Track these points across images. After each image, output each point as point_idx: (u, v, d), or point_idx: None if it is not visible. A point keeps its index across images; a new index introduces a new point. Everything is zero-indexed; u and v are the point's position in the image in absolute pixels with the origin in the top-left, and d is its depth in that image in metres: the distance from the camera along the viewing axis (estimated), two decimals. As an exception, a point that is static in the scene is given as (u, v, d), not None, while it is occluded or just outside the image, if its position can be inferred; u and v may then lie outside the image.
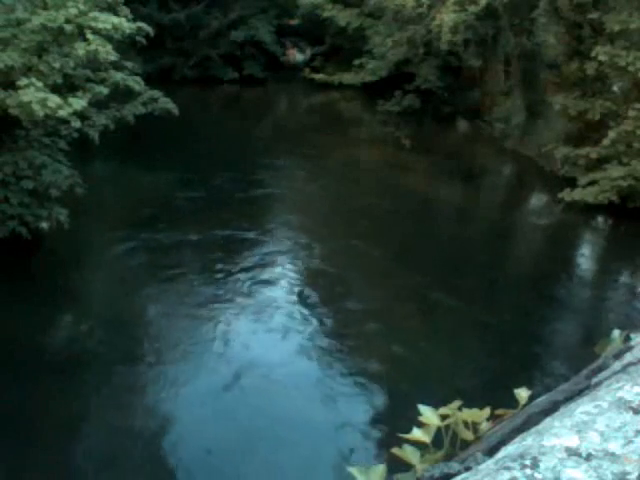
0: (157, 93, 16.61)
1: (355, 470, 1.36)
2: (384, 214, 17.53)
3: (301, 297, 13.18)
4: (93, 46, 12.54)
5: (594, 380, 1.42)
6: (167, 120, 17.07)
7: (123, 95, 15.84)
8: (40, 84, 11.61)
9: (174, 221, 16.01)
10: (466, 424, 1.49)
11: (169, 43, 28.82)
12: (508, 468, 1.00)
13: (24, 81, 11.60)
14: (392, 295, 13.68)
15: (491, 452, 1.23)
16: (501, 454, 1.13)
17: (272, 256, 14.92)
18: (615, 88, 19.77)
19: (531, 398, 1.56)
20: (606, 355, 1.61)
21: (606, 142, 17.68)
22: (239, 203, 17.46)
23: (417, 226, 17.29)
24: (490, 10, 22.34)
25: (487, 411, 1.52)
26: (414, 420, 1.52)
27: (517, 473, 0.98)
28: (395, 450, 1.42)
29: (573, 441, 1.05)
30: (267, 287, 13.47)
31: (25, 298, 12.00)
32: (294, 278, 13.97)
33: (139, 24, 14.24)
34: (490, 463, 1.11)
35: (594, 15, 18.48)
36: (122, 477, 8.61)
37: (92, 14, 12.77)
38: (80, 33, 12.88)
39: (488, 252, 16.11)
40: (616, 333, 1.79)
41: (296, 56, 34.81)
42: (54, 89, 12.21)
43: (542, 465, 0.99)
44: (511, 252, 17.40)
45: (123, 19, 13.44)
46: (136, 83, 15.12)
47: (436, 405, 1.54)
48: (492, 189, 22.17)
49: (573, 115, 19.54)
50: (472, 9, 22.06)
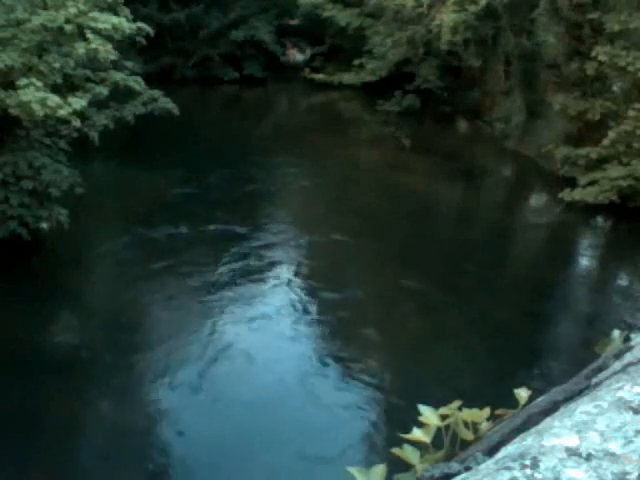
0: (157, 93, 16.61)
1: (355, 470, 1.35)
2: (384, 214, 17.52)
3: (300, 295, 13.18)
4: (93, 46, 12.54)
5: (594, 380, 1.42)
6: (167, 120, 17.06)
7: (123, 95, 15.83)
8: (40, 84, 11.61)
9: (174, 221, 16.00)
10: (466, 424, 1.48)
11: (169, 43, 28.81)
12: (508, 468, 1.00)
13: (24, 81, 11.60)
14: (392, 295, 13.67)
15: (491, 452, 1.23)
16: (501, 454, 1.13)
17: (272, 256, 14.91)
18: (615, 88, 19.77)
19: (531, 398, 1.56)
20: (606, 355, 1.61)
21: (606, 142, 17.67)
22: (239, 203, 17.45)
23: (417, 226, 17.29)
24: (490, 10, 22.34)
25: (487, 411, 1.52)
26: (414, 420, 1.52)
27: (517, 473, 0.98)
28: (395, 450, 1.42)
29: (573, 441, 1.05)
30: (267, 287, 13.48)
31: (26, 298, 12.00)
32: (294, 278, 13.96)
33: (139, 24, 14.25)
34: (490, 463, 1.10)
35: (594, 15, 18.49)
36: (121, 471, 8.61)
37: (92, 14, 12.78)
38: (80, 33, 12.88)
39: (488, 252, 16.10)
40: (616, 333, 1.79)
41: (296, 56, 34.79)
42: (54, 89, 12.21)
43: (542, 465, 0.99)
44: (511, 252, 17.39)
45: (123, 19, 13.45)
46: (136, 83, 15.12)
47: (436, 405, 1.54)
48: (492, 189, 22.17)
49: (573, 115, 19.54)
50: (472, 9, 22.07)
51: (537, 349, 12.24)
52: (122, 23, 13.12)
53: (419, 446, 1.44)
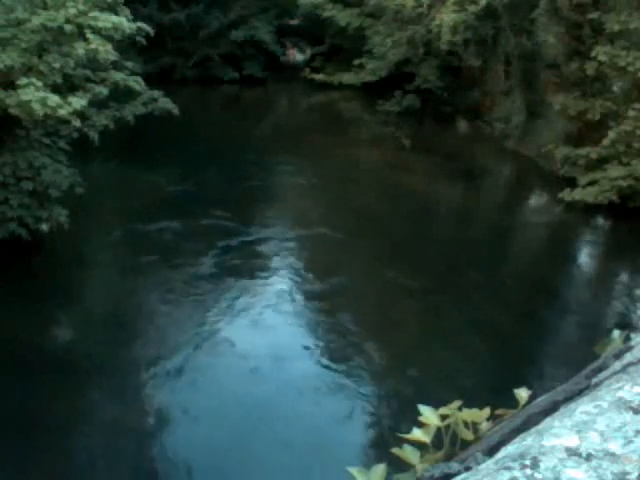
0: (157, 93, 16.60)
1: (355, 470, 1.35)
2: (384, 214, 17.52)
3: (298, 296, 13.19)
4: (93, 46, 12.54)
5: (594, 380, 1.42)
6: (167, 120, 17.06)
7: (123, 95, 15.83)
8: (40, 84, 11.60)
9: (174, 221, 16.00)
10: (466, 424, 1.48)
11: (169, 43, 28.80)
12: (508, 468, 1.00)
13: (24, 81, 11.59)
14: (392, 295, 13.67)
15: (491, 452, 1.23)
16: (501, 454, 1.13)
17: (271, 254, 14.91)
18: (615, 88, 19.76)
19: (531, 398, 1.56)
20: (606, 355, 1.61)
21: (606, 142, 17.68)
22: (238, 203, 17.45)
23: (417, 226, 17.28)
24: (490, 10, 22.34)
25: (487, 411, 1.52)
26: (414, 419, 1.52)
27: (517, 473, 0.98)
28: (395, 450, 1.41)
29: (573, 441, 1.05)
30: (266, 286, 13.48)
31: (25, 298, 12.00)
32: (293, 276, 13.96)
33: (139, 24, 14.23)
34: (490, 463, 1.10)
35: (594, 15, 18.49)
36: (120, 470, 8.62)
37: (92, 14, 12.77)
38: (80, 33, 12.87)
39: (488, 252, 16.10)
40: (616, 333, 1.79)
41: (296, 56, 34.78)
42: (54, 89, 12.20)
43: (542, 465, 0.99)
44: (511, 252, 17.40)
45: (123, 18, 13.43)
46: (136, 83, 15.11)
47: (436, 405, 1.54)
48: (492, 189, 22.16)
49: (573, 115, 19.53)
50: (472, 9, 22.06)
51: (537, 349, 12.23)
52: (122, 22, 13.11)
53: (419, 446, 1.44)
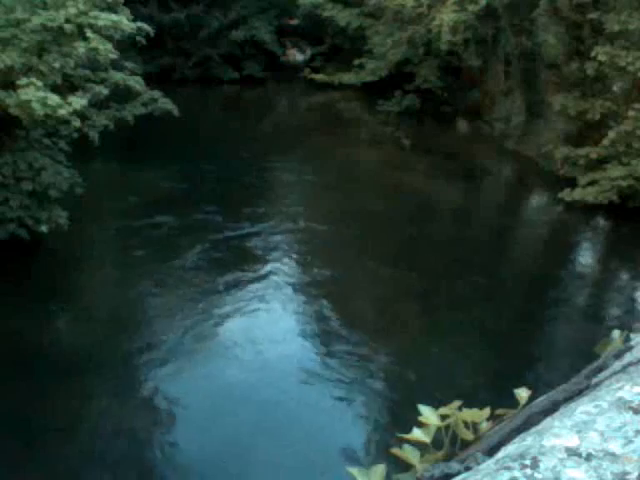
0: (157, 93, 16.60)
1: (355, 470, 1.35)
2: (383, 214, 17.52)
3: (296, 296, 13.19)
4: (93, 44, 12.53)
5: (594, 380, 1.42)
6: (167, 120, 17.06)
7: (123, 95, 15.83)
8: (40, 84, 11.60)
9: (174, 221, 16.00)
10: (466, 424, 1.48)
11: (169, 43, 28.80)
12: (508, 468, 1.00)
13: (24, 80, 11.59)
14: (392, 295, 13.67)
15: (491, 452, 1.23)
16: (501, 454, 1.13)
17: (271, 254, 14.91)
18: (615, 88, 19.77)
19: (531, 398, 1.56)
20: (606, 355, 1.61)
21: (606, 142, 17.68)
22: (238, 204, 17.45)
23: (417, 226, 17.28)
24: (490, 10, 22.34)
25: (487, 411, 1.52)
26: (414, 419, 1.52)
27: (517, 473, 0.98)
28: (395, 450, 1.41)
29: (573, 441, 1.05)
30: (267, 286, 13.48)
31: (25, 298, 12.00)
32: (292, 276, 13.96)
33: (139, 24, 14.23)
34: (490, 463, 1.10)
35: (594, 15, 18.49)
36: (120, 468, 8.62)
37: (92, 13, 12.76)
38: (80, 33, 12.87)
39: (488, 252, 16.10)
40: (616, 333, 1.79)
41: (296, 56, 34.77)
42: (54, 89, 12.20)
43: (542, 465, 0.99)
44: (511, 252, 17.40)
45: (123, 17, 13.43)
46: (136, 83, 15.11)
47: (436, 405, 1.54)
48: (492, 189, 22.16)
49: (573, 115, 19.53)
50: (472, 9, 22.06)
51: (537, 349, 12.24)
52: (122, 21, 13.11)
53: (419, 446, 1.44)
